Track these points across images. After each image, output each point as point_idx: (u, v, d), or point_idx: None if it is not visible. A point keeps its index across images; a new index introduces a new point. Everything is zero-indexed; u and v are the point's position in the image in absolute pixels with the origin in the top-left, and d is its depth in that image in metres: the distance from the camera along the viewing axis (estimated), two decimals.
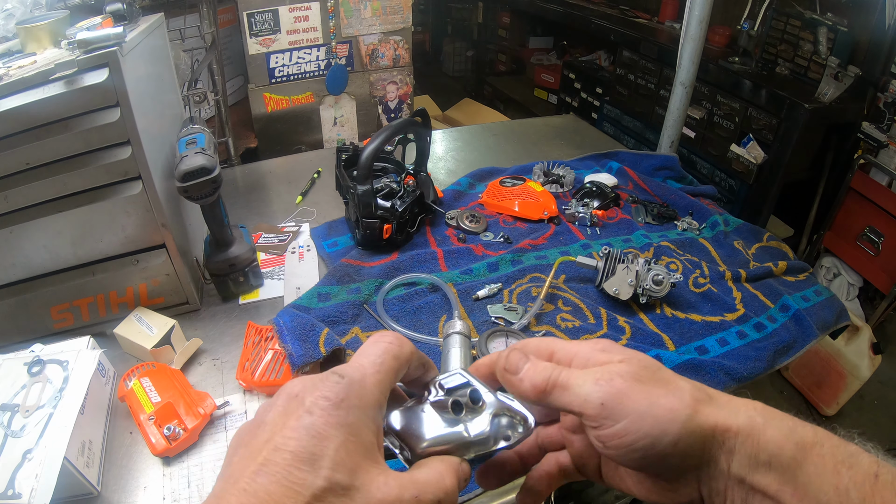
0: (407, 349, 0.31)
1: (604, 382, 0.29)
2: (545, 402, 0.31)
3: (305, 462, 0.24)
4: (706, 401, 0.28)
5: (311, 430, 0.25)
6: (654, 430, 0.27)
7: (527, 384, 0.31)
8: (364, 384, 0.28)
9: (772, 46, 2.19)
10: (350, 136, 1.93)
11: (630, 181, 1.35)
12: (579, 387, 0.29)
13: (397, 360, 0.30)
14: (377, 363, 0.29)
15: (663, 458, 0.27)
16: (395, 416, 0.32)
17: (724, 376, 0.82)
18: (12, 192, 0.73)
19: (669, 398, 0.28)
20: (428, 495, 0.27)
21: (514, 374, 0.32)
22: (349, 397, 0.26)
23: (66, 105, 0.70)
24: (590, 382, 0.29)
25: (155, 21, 0.94)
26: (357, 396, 0.27)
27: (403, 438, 0.31)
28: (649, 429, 0.27)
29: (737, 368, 0.82)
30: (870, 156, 1.95)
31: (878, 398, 1.99)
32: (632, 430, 0.27)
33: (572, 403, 0.29)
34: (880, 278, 1.96)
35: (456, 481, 0.29)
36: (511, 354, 0.33)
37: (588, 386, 0.29)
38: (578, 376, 0.30)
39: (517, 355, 0.33)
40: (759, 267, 1.06)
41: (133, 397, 0.72)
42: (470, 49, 4.28)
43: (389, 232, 1.03)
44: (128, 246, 0.83)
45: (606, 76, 2.81)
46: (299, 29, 1.67)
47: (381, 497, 0.25)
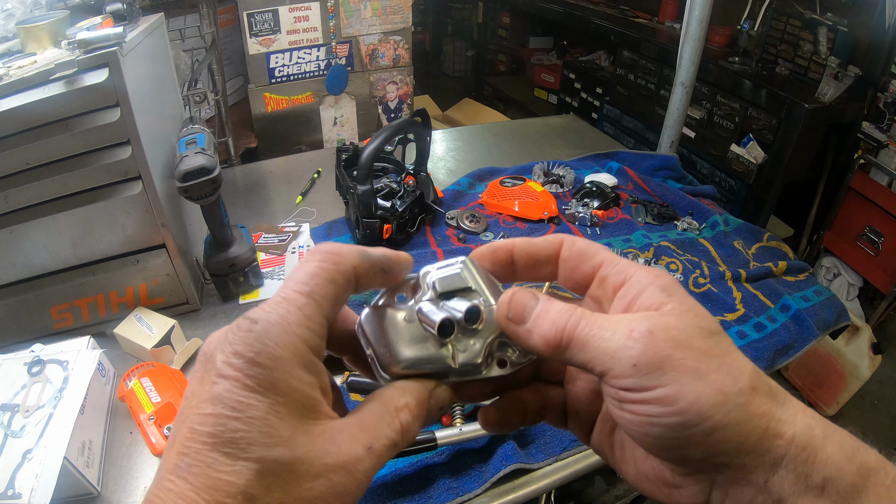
0: (347, 263, 0.25)
1: (641, 338, 0.22)
2: (561, 360, 0.25)
3: (227, 445, 0.19)
4: (765, 392, 0.22)
5: (226, 401, 0.20)
6: (690, 410, 0.21)
7: (536, 337, 0.25)
8: (286, 325, 0.22)
9: (772, 46, 2.19)
10: (350, 136, 1.92)
11: (630, 181, 1.35)
12: (606, 339, 0.23)
13: (333, 284, 0.24)
14: (303, 292, 0.23)
15: (687, 445, 0.22)
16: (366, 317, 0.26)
17: None
18: (12, 192, 0.73)
19: (721, 375, 0.21)
20: (381, 441, 0.23)
21: (519, 323, 0.25)
22: (267, 347, 0.21)
23: (66, 105, 0.70)
24: (622, 335, 0.22)
25: (155, 21, 0.94)
26: (278, 343, 0.21)
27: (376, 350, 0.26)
28: (686, 406, 0.21)
29: None
30: (870, 156, 1.95)
31: (878, 398, 1.99)
32: (663, 403, 0.21)
33: (594, 360, 0.23)
34: (880, 278, 1.95)
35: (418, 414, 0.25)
36: (517, 295, 0.26)
37: (619, 339, 0.22)
38: (606, 326, 0.23)
39: (525, 296, 0.25)
40: (759, 267, 1.06)
41: (133, 397, 0.72)
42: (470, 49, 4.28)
43: (389, 232, 1.03)
44: (128, 246, 0.83)
45: (606, 76, 2.81)
46: (299, 29, 1.67)
47: (332, 462, 0.21)
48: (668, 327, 0.22)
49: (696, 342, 0.22)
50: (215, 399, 0.20)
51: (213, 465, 0.19)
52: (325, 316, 0.23)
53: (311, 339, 0.22)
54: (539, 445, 0.73)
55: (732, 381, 0.21)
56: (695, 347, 0.22)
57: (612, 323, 0.23)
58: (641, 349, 0.22)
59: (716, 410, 0.21)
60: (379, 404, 0.24)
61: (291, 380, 0.21)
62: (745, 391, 0.21)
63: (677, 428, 0.21)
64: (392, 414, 0.24)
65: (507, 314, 0.26)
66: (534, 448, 0.72)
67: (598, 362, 0.23)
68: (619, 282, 0.25)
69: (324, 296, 0.23)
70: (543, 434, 0.74)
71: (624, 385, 0.22)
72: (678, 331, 0.22)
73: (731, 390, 0.21)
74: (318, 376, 0.22)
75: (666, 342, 0.22)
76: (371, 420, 0.23)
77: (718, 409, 0.21)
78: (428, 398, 0.25)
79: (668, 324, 0.22)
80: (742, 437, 0.21)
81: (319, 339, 0.23)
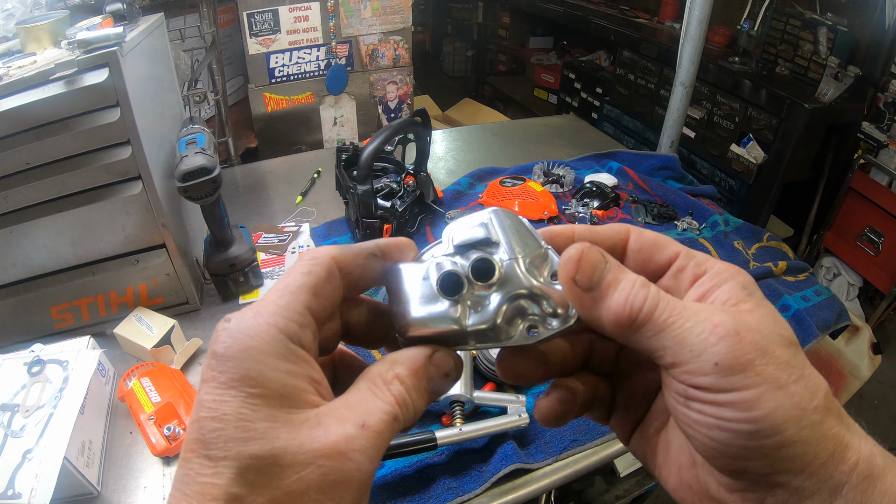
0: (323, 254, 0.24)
1: (727, 337, 0.20)
2: (625, 340, 0.22)
3: (208, 447, 0.19)
4: (837, 413, 0.21)
5: (203, 403, 0.19)
6: (766, 419, 0.19)
7: (604, 310, 0.22)
8: (257, 317, 0.21)
9: (772, 46, 2.19)
10: (350, 136, 1.93)
11: (630, 181, 1.35)
12: (686, 330, 0.20)
13: (308, 275, 0.23)
14: (277, 288, 0.23)
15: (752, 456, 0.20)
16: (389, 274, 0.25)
17: None
18: (12, 192, 0.73)
19: (800, 388, 0.20)
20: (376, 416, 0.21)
21: (587, 287, 0.22)
22: (237, 340, 0.20)
23: (66, 105, 0.70)
24: (705, 328, 0.20)
25: (155, 21, 0.94)
26: (248, 335, 0.20)
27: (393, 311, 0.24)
28: (762, 414, 0.19)
29: None
30: (870, 156, 1.95)
31: (878, 398, 1.99)
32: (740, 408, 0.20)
33: (667, 350, 0.21)
34: (880, 278, 1.96)
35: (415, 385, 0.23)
36: (588, 253, 0.22)
37: (702, 332, 0.20)
38: (688, 314, 0.21)
39: (596, 255, 0.22)
40: (759, 267, 1.06)
41: (133, 397, 0.72)
42: (470, 49, 4.28)
43: (389, 232, 1.03)
44: (128, 246, 0.83)
45: (606, 76, 2.81)
46: (299, 29, 1.67)
47: (320, 447, 0.20)
48: (752, 329, 0.21)
49: (778, 350, 0.21)
50: (198, 404, 0.20)
51: (198, 470, 0.19)
52: (303, 305, 0.22)
53: (286, 326, 0.21)
54: (539, 445, 0.73)
55: (810, 397, 0.20)
56: (777, 355, 0.20)
57: (693, 312, 0.21)
58: (727, 348, 0.20)
59: (791, 424, 0.20)
60: (366, 380, 0.23)
61: (265, 369, 0.20)
62: (821, 409, 0.20)
63: (748, 436, 0.20)
64: (381, 388, 0.22)
65: (573, 275, 0.22)
66: (534, 448, 0.72)
67: (672, 353, 0.21)
68: (700, 272, 0.23)
69: (300, 286, 0.22)
70: (543, 434, 0.74)
71: (699, 383, 0.20)
72: (761, 335, 0.21)
73: (809, 406, 0.20)
74: (299, 364, 0.21)
75: (751, 345, 0.20)
76: (359, 397, 0.22)
77: (794, 424, 0.20)
78: (424, 365, 0.23)
79: (752, 325, 0.21)
80: (810, 456, 0.20)
81: (298, 326, 0.22)
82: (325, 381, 0.22)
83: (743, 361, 0.20)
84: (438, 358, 0.23)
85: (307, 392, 0.21)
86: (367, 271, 0.25)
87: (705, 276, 0.23)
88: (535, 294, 0.23)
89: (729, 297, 0.22)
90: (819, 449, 0.20)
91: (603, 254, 0.23)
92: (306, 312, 0.22)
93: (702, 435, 0.21)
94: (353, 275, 0.25)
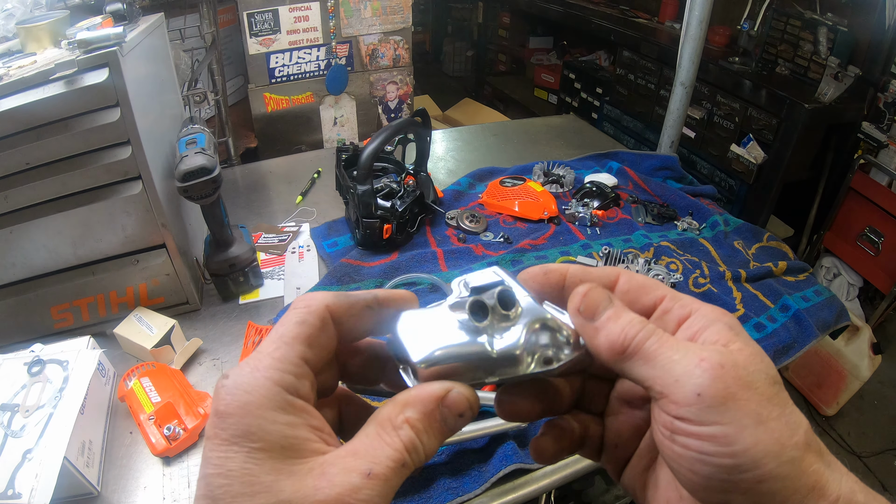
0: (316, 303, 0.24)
1: (711, 369, 0.21)
2: (619, 368, 0.24)
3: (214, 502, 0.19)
4: (817, 450, 0.22)
5: (209, 460, 0.20)
6: (746, 454, 0.20)
7: (602, 338, 0.24)
8: (254, 372, 0.21)
9: (772, 46, 2.19)
10: (350, 136, 1.92)
11: (630, 181, 1.35)
12: (674, 361, 0.22)
13: (302, 324, 0.23)
14: (272, 339, 0.23)
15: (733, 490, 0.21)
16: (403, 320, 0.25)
17: None
18: (12, 192, 0.73)
19: (781, 424, 0.21)
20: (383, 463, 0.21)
21: (590, 318, 0.24)
22: (235, 397, 0.21)
23: (66, 105, 0.70)
24: (691, 360, 0.21)
25: (155, 21, 0.94)
26: (246, 391, 0.21)
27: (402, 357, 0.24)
28: (742, 449, 0.20)
29: None
30: (870, 156, 1.95)
31: (878, 398, 1.99)
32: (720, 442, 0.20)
33: (655, 379, 0.22)
34: (880, 278, 1.96)
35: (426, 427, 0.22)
36: (592, 291, 0.25)
37: (688, 364, 0.21)
38: (677, 347, 0.22)
39: (600, 294, 0.25)
40: (759, 267, 1.06)
41: (133, 397, 0.72)
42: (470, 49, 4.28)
43: (389, 232, 1.03)
44: (128, 246, 0.83)
45: (606, 76, 2.81)
46: (299, 29, 1.67)
47: (323, 498, 0.20)
48: (737, 365, 0.21)
49: (761, 386, 0.21)
50: (204, 461, 0.20)
51: None
52: (299, 356, 0.23)
53: (282, 378, 0.22)
54: None
55: (790, 433, 0.21)
56: (760, 391, 0.21)
57: (682, 346, 0.22)
58: (710, 380, 0.21)
59: (770, 459, 0.20)
60: (374, 425, 0.22)
61: (264, 423, 0.20)
62: (801, 445, 0.21)
63: (729, 470, 0.20)
64: (390, 433, 0.22)
65: (578, 306, 0.25)
66: None
67: (660, 382, 0.22)
68: (685, 314, 0.25)
69: (294, 337, 0.23)
70: None
71: (682, 414, 0.21)
72: (746, 371, 0.21)
73: (789, 442, 0.21)
74: (299, 415, 0.21)
75: (734, 379, 0.21)
76: (366, 444, 0.22)
77: (773, 459, 0.20)
78: (436, 406, 0.23)
79: (738, 362, 0.22)
80: (790, 491, 0.21)
81: (295, 378, 0.22)
82: (328, 427, 0.23)
83: (725, 394, 0.21)
84: (454, 397, 0.23)
85: (310, 441, 0.21)
86: (361, 322, 0.26)
87: (691, 319, 0.24)
88: (550, 325, 0.25)
89: (718, 338, 0.23)
90: (799, 484, 0.20)
91: (608, 294, 0.25)
92: (302, 363, 0.23)
93: (686, 469, 0.22)
94: (346, 324, 0.25)
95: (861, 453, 1.81)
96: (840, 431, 1.88)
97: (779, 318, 0.95)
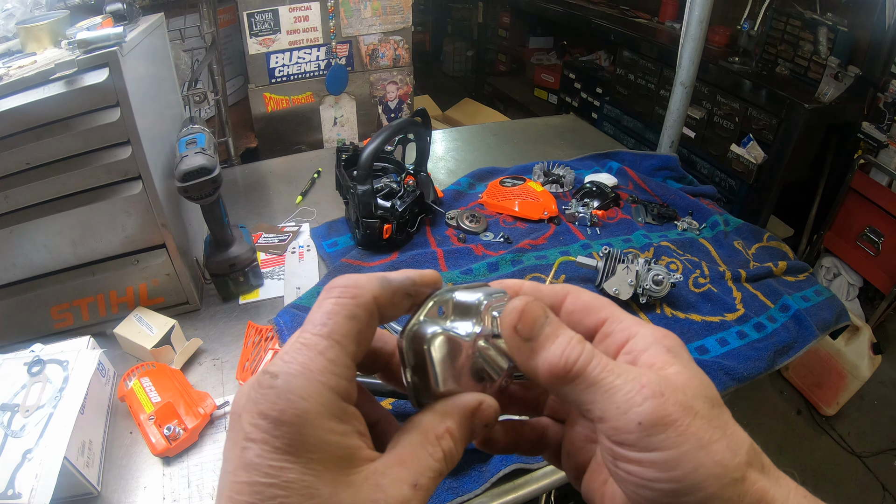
0: (366, 294, 0.23)
1: (652, 397, 0.21)
2: (556, 391, 0.23)
3: None
4: (759, 468, 0.22)
5: (258, 468, 0.19)
6: (686, 479, 0.20)
7: (541, 361, 0.23)
8: (309, 375, 0.20)
9: (772, 46, 2.19)
10: (350, 136, 1.92)
11: (630, 181, 1.35)
12: (615, 387, 0.21)
13: (353, 320, 0.22)
14: (322, 334, 0.22)
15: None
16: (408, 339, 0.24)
17: (724, 376, 0.82)
18: (12, 192, 0.73)
19: (722, 447, 0.21)
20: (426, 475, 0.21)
21: (526, 338, 0.23)
22: (291, 404, 0.20)
23: (66, 105, 0.70)
24: (632, 387, 0.21)
25: (155, 21, 0.94)
26: (303, 397, 0.20)
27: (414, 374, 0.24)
28: (682, 474, 0.20)
29: (737, 368, 0.82)
30: (870, 156, 1.95)
31: (878, 398, 1.99)
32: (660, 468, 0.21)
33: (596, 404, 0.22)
34: (880, 278, 1.96)
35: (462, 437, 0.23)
36: (529, 307, 0.23)
37: (629, 391, 0.21)
38: (618, 372, 0.22)
39: (536, 309, 0.23)
40: (759, 267, 1.06)
41: (133, 397, 0.72)
42: (470, 49, 4.28)
43: (389, 232, 1.03)
44: (128, 246, 0.83)
45: (606, 76, 2.81)
46: (299, 29, 1.67)
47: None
48: (677, 390, 0.21)
49: (702, 410, 0.21)
50: (248, 466, 0.19)
51: None
52: (350, 357, 0.22)
53: (338, 384, 0.21)
54: None
55: (732, 455, 0.21)
56: (701, 415, 0.21)
57: (623, 370, 0.22)
58: (650, 408, 0.21)
59: (713, 482, 0.20)
60: (418, 434, 0.23)
61: (323, 434, 0.20)
62: (743, 465, 0.21)
63: (672, 494, 0.21)
64: (433, 443, 0.22)
65: (514, 324, 0.23)
66: None
67: (600, 408, 0.22)
68: (624, 339, 0.25)
69: (345, 335, 0.22)
70: None
71: (623, 440, 0.21)
72: (686, 396, 0.22)
73: (730, 464, 0.21)
74: (351, 422, 0.21)
75: (675, 406, 0.21)
76: (411, 453, 0.22)
77: (716, 482, 0.21)
78: (471, 418, 0.24)
79: (677, 386, 0.22)
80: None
81: (347, 382, 0.21)
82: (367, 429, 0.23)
83: (666, 421, 0.21)
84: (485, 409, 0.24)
85: (361, 449, 0.21)
86: (397, 310, 0.25)
87: (632, 342, 0.24)
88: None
89: (656, 361, 0.23)
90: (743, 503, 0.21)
91: (544, 309, 0.23)
92: (352, 365, 0.22)
93: (631, 491, 0.22)
94: (386, 314, 0.25)
95: (861, 453, 1.81)
96: (840, 431, 1.88)
97: (779, 318, 0.95)
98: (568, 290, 0.27)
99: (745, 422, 0.68)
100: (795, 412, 1.96)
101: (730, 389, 0.82)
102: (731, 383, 0.82)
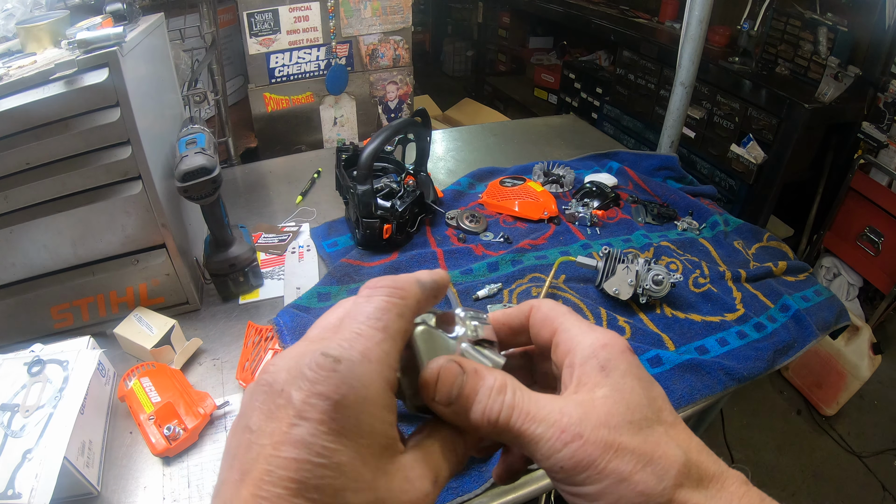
0: (412, 297, 0.24)
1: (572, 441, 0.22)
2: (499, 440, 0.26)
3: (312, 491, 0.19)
4: (693, 483, 0.23)
5: (310, 447, 0.19)
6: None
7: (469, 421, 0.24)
8: (369, 364, 0.21)
9: (772, 46, 2.19)
10: (350, 136, 1.92)
11: (630, 181, 1.35)
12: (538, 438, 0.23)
13: (402, 319, 0.24)
14: (378, 328, 0.22)
15: None
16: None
17: (724, 376, 0.82)
18: (12, 192, 0.73)
19: (646, 475, 0.22)
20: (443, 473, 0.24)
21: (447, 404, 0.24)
22: (354, 389, 0.20)
23: (66, 105, 0.70)
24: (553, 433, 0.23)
25: (155, 21, 0.94)
26: (363, 384, 0.21)
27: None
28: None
29: (737, 368, 0.82)
30: (870, 156, 1.95)
31: (878, 398, 2.00)
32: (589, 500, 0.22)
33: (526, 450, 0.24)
34: (880, 278, 1.96)
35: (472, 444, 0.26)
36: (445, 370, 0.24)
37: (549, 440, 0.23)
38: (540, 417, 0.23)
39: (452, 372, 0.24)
40: (759, 267, 1.06)
41: (133, 397, 0.72)
42: (470, 49, 4.28)
43: (389, 232, 1.03)
44: (128, 246, 0.83)
45: (606, 76, 2.81)
46: (299, 29, 1.67)
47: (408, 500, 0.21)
48: (599, 425, 0.23)
49: (624, 441, 0.22)
50: (298, 443, 0.19)
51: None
52: (398, 352, 0.23)
53: (389, 376, 0.22)
54: None
55: (657, 481, 0.22)
56: (623, 447, 0.22)
57: (544, 415, 0.23)
58: (570, 454, 0.22)
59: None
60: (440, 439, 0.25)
61: (375, 421, 0.21)
62: (669, 489, 0.22)
63: None
64: (451, 449, 0.25)
65: (432, 397, 0.24)
66: None
67: (529, 452, 0.24)
68: (566, 351, 0.26)
69: (397, 331, 0.23)
70: None
71: (554, 478, 0.23)
72: (608, 429, 0.23)
73: (654, 491, 0.22)
74: (393, 413, 0.22)
75: (594, 445, 0.22)
76: (434, 453, 0.24)
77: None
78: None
79: (600, 420, 0.23)
80: None
81: (395, 374, 0.23)
82: None
83: (584, 464, 0.22)
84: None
85: (397, 441, 0.23)
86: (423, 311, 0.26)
87: (571, 355, 0.26)
88: None
89: (587, 381, 0.25)
90: None
91: (461, 364, 0.24)
92: (398, 360, 0.23)
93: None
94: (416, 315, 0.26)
95: (861, 453, 1.81)
96: (840, 431, 1.88)
97: (779, 318, 0.95)
98: (532, 304, 0.29)
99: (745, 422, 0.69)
100: (795, 412, 1.97)
101: (730, 389, 0.82)
102: (732, 383, 0.82)
